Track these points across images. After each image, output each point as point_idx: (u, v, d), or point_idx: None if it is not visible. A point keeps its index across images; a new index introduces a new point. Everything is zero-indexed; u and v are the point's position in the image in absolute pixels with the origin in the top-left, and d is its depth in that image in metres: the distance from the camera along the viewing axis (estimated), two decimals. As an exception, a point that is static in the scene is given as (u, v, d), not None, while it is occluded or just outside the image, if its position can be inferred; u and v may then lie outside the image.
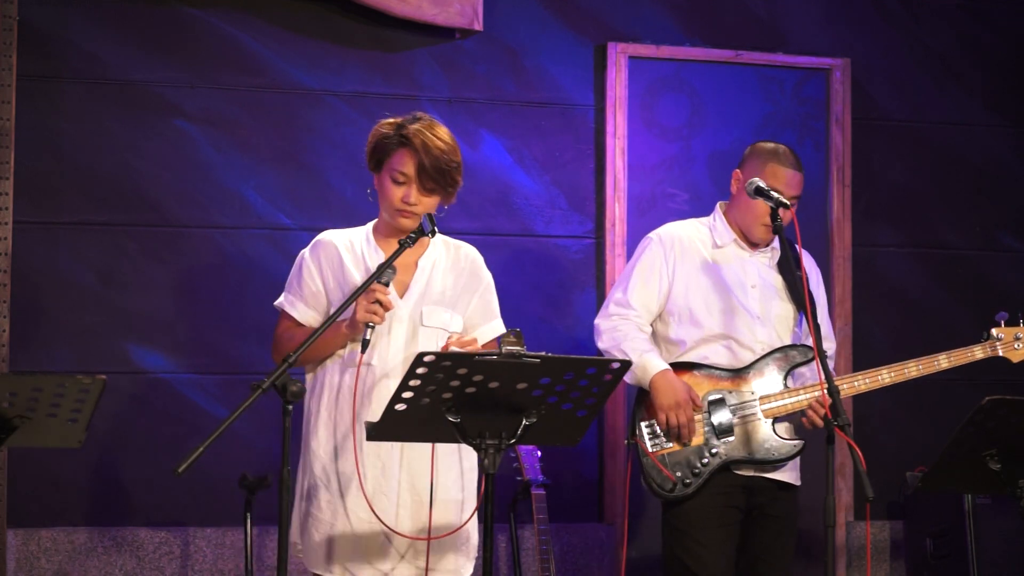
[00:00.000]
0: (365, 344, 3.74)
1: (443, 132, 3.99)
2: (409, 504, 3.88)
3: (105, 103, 5.20)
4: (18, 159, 5.03)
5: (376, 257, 3.99)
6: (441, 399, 3.37)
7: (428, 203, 3.96)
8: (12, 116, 4.99)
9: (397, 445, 3.87)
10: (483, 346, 4.06)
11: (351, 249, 4.03)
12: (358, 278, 3.95)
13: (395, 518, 3.85)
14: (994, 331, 4.58)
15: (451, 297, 4.02)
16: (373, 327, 3.75)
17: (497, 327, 4.11)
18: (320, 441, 3.91)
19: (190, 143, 5.27)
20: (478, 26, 5.44)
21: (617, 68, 5.59)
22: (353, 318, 3.79)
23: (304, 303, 4.02)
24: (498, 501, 3.52)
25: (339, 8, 5.37)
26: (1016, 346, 4.57)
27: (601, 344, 4.64)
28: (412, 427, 3.46)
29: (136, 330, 5.20)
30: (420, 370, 3.30)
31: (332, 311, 3.93)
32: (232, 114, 5.31)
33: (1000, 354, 4.59)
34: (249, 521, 4.56)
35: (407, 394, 3.35)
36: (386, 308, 3.77)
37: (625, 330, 4.58)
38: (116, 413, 5.08)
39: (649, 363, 4.51)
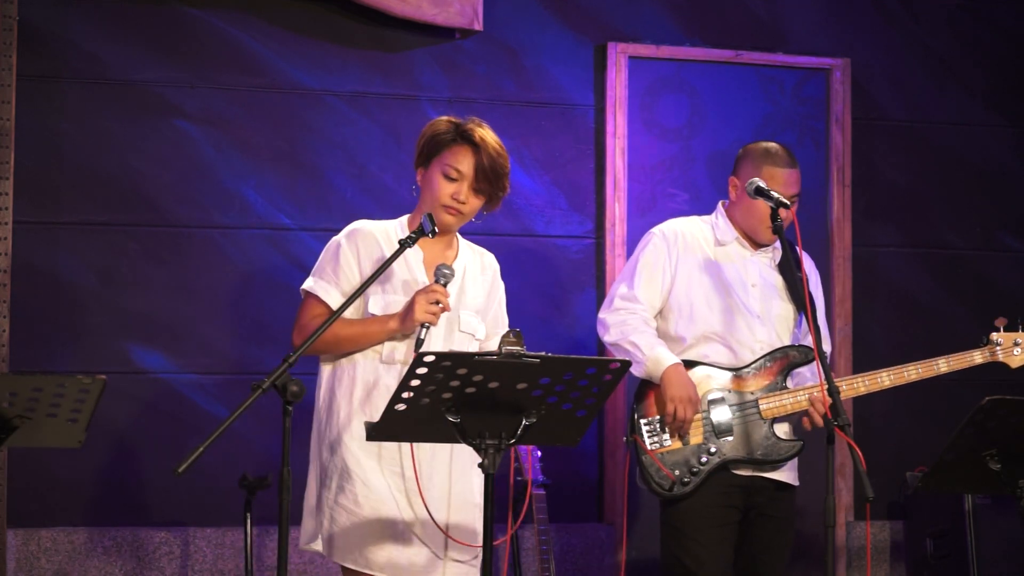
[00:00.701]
0: (419, 344, 3.73)
1: (497, 138, 4.00)
2: (442, 505, 3.90)
3: (105, 103, 5.20)
4: (18, 159, 5.03)
5: (415, 253, 3.96)
6: (441, 399, 3.37)
7: (475, 204, 3.96)
8: (12, 116, 4.99)
9: (442, 447, 3.87)
10: None
11: (389, 242, 3.99)
12: (398, 272, 3.93)
13: (432, 513, 3.87)
14: (993, 336, 4.59)
15: (481, 304, 4.04)
16: (428, 327, 3.76)
17: None
18: (354, 436, 3.87)
19: (190, 143, 5.27)
20: (478, 26, 5.44)
21: (617, 68, 5.59)
22: (410, 316, 3.78)
23: (339, 291, 3.94)
24: (498, 501, 3.52)
25: (339, 8, 5.37)
26: (1015, 352, 4.58)
27: (608, 338, 4.63)
28: (412, 427, 3.46)
29: (136, 330, 5.20)
30: (420, 370, 3.30)
31: (368, 303, 3.91)
32: (232, 114, 5.31)
33: (999, 359, 4.59)
34: (249, 521, 4.56)
35: (407, 394, 3.35)
36: (444, 310, 3.79)
37: (634, 324, 4.58)
38: (116, 413, 5.07)
39: (662, 356, 4.51)
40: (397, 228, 4.04)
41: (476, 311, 4.01)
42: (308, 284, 4.00)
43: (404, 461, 3.86)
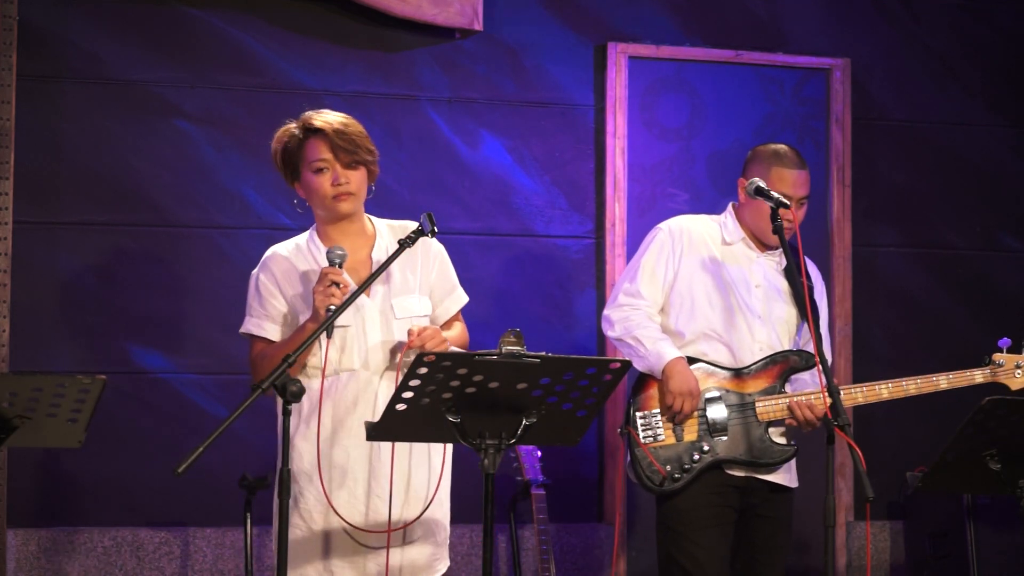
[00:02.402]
0: (330, 328, 3.70)
1: (340, 114, 3.99)
2: (399, 504, 3.88)
3: (105, 103, 5.21)
4: (18, 159, 5.03)
5: (323, 255, 3.93)
6: (441, 399, 3.37)
7: (356, 178, 3.93)
8: (12, 116, 4.99)
9: (386, 447, 3.85)
10: (449, 320, 4.05)
11: (301, 256, 3.99)
12: (314, 278, 3.89)
13: (386, 517, 3.85)
14: (996, 356, 4.59)
15: (413, 281, 3.99)
16: (333, 310, 3.70)
17: (460, 297, 4.08)
18: (302, 453, 3.86)
19: (190, 143, 5.27)
20: (478, 26, 5.44)
21: (617, 68, 5.59)
22: (313, 309, 3.76)
23: (271, 321, 3.95)
24: (498, 501, 3.52)
25: (339, 8, 5.37)
26: (1016, 374, 4.58)
27: (612, 333, 4.63)
28: (412, 427, 3.46)
29: (136, 330, 5.20)
30: (420, 370, 3.30)
31: (300, 320, 3.89)
32: (232, 114, 5.31)
33: (1000, 380, 4.60)
34: (249, 521, 4.56)
35: (407, 394, 3.35)
36: (344, 288, 3.75)
37: (637, 319, 4.59)
38: (116, 413, 5.07)
39: (664, 350, 4.51)
40: (307, 241, 4.02)
41: (409, 292, 3.97)
42: (243, 327, 4.00)
43: (355, 466, 3.84)
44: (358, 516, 3.83)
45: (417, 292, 3.98)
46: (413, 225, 4.07)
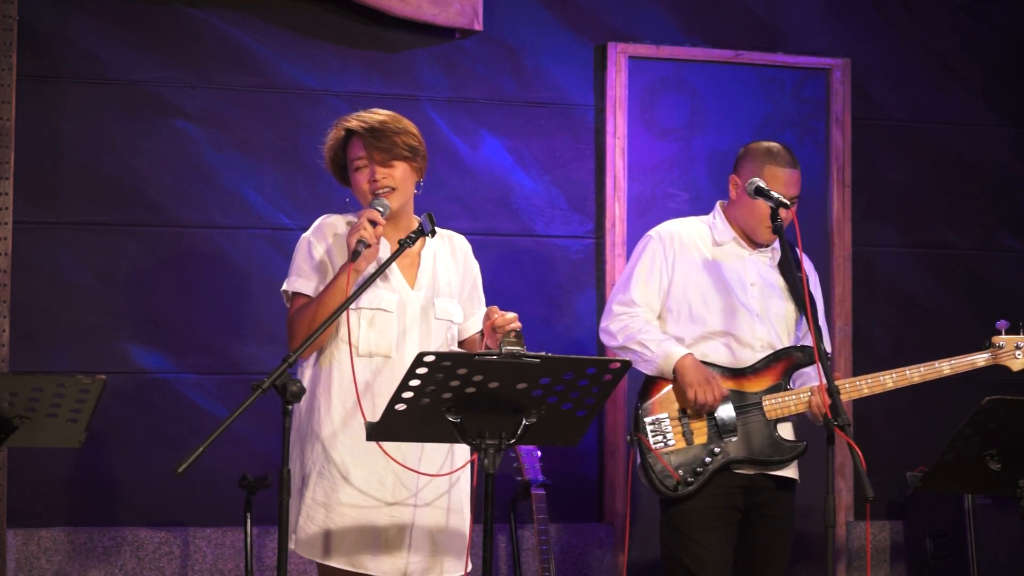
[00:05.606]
0: (355, 255, 3.74)
1: (380, 111, 4.02)
2: (434, 511, 3.91)
3: (105, 103, 5.20)
4: (18, 159, 5.03)
5: (382, 248, 3.96)
6: (441, 399, 3.37)
7: (396, 175, 3.94)
8: (12, 116, 4.99)
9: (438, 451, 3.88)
10: (471, 338, 4.08)
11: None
12: (370, 268, 3.90)
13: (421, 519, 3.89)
14: (995, 339, 4.61)
15: (455, 287, 4.04)
16: (367, 245, 3.76)
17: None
18: (336, 435, 3.86)
19: (190, 143, 5.27)
20: (478, 26, 5.44)
21: (617, 68, 5.59)
22: (349, 241, 3.78)
23: (320, 279, 3.93)
24: (498, 501, 3.52)
25: (339, 8, 5.37)
26: (1017, 355, 4.60)
27: (614, 343, 4.63)
28: (412, 427, 3.46)
29: (136, 330, 5.20)
30: (420, 370, 3.30)
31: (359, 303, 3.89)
32: (232, 114, 5.31)
33: (1001, 362, 4.61)
34: (249, 521, 4.56)
35: (407, 394, 3.35)
36: (379, 226, 3.80)
37: (636, 325, 4.59)
38: (116, 413, 5.07)
39: (671, 350, 4.51)
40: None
41: (451, 296, 4.01)
42: (286, 285, 3.99)
43: (391, 461, 3.84)
44: (393, 501, 3.85)
45: (456, 298, 4.03)
46: (458, 236, 4.10)
